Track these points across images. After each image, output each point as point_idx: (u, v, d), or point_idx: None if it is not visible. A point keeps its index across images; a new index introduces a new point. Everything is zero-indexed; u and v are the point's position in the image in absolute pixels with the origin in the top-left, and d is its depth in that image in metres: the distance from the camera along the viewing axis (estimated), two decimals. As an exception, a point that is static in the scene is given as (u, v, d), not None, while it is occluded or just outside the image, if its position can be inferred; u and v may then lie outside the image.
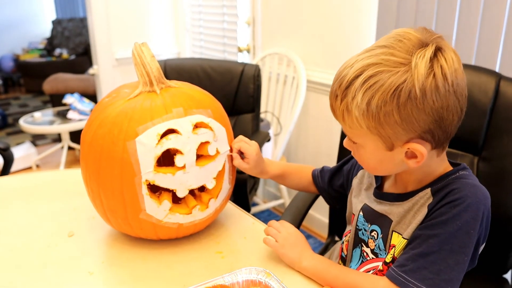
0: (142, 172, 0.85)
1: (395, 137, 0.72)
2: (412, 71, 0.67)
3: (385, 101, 0.68)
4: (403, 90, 0.67)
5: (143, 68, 0.91)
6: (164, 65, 1.96)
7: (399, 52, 0.69)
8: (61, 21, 6.55)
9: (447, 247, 0.71)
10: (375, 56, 0.70)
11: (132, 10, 3.15)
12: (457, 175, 0.78)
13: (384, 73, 0.68)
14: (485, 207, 0.73)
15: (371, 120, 0.70)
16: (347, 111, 0.72)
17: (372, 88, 0.68)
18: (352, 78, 0.70)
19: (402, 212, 0.80)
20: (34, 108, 5.50)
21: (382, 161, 0.77)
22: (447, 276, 0.71)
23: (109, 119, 0.88)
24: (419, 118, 0.69)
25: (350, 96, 0.70)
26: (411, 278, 0.72)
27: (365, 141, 0.75)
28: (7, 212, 1.13)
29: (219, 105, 0.98)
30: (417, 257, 0.73)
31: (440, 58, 0.69)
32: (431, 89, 0.67)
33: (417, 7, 1.70)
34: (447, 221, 0.72)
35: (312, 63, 2.35)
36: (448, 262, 0.71)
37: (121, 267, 0.90)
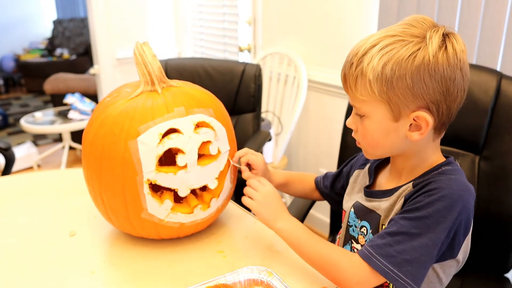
0: (144, 171, 0.85)
1: (403, 104, 0.74)
2: (426, 41, 0.72)
3: (400, 65, 0.72)
4: (418, 55, 0.72)
5: (145, 67, 0.91)
6: (165, 65, 1.96)
7: (415, 28, 0.74)
8: (62, 21, 6.56)
9: (415, 231, 0.73)
10: (392, 30, 0.75)
11: (132, 10, 3.15)
12: (439, 170, 0.80)
13: (400, 42, 0.73)
14: (463, 200, 0.74)
15: (384, 84, 0.73)
16: (361, 76, 0.75)
17: (388, 54, 0.72)
18: (369, 47, 0.74)
19: (389, 206, 0.83)
20: (35, 108, 5.50)
21: (387, 133, 0.78)
22: (410, 257, 0.73)
23: (111, 119, 0.88)
24: (429, 84, 0.72)
25: (366, 61, 0.74)
26: (376, 253, 0.75)
27: (373, 110, 0.77)
28: (9, 211, 1.13)
29: (221, 105, 0.98)
30: (386, 235, 0.76)
31: (452, 38, 0.75)
32: (442, 59, 0.72)
33: (418, 6, 1.70)
34: (419, 207, 0.74)
35: (313, 62, 2.35)
36: (413, 244, 0.73)
37: (123, 266, 0.90)
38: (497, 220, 1.11)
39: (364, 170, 0.96)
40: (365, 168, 0.96)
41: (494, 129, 1.11)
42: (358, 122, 0.82)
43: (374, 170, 0.93)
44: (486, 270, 1.17)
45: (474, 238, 1.12)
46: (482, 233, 1.13)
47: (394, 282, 0.73)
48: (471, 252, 1.13)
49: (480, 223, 1.12)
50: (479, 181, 1.13)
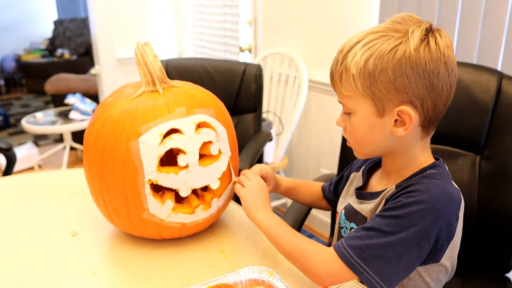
0: (145, 171, 0.85)
1: (387, 99, 0.75)
2: (408, 35, 0.73)
3: (382, 59, 0.73)
4: (399, 49, 0.73)
5: (146, 67, 0.91)
6: (166, 65, 1.97)
7: (400, 24, 0.76)
8: (62, 21, 6.57)
9: (387, 228, 0.73)
10: (377, 27, 0.77)
11: (133, 10, 3.16)
12: (424, 174, 0.80)
13: (383, 37, 0.74)
14: (440, 205, 0.73)
15: (367, 78, 0.74)
16: (345, 71, 0.77)
17: (371, 49, 0.74)
18: (354, 43, 0.76)
19: (373, 207, 0.83)
20: (36, 108, 5.51)
21: (373, 129, 0.79)
22: (376, 253, 0.72)
23: (112, 119, 0.88)
24: (411, 78, 0.73)
25: (350, 57, 0.76)
26: (346, 244, 0.75)
27: (358, 105, 0.78)
28: (10, 212, 1.13)
29: (222, 105, 0.98)
30: (360, 229, 0.76)
31: (435, 33, 0.75)
32: (424, 52, 0.73)
33: (418, 6, 1.70)
34: (395, 207, 0.74)
35: (314, 62, 2.35)
36: (382, 240, 0.73)
37: (124, 267, 0.90)
38: (498, 220, 1.11)
39: (359, 172, 0.97)
40: (360, 170, 0.96)
41: (495, 129, 1.11)
42: (346, 120, 0.83)
43: (367, 172, 0.93)
44: (487, 270, 1.17)
45: (475, 238, 1.13)
46: (483, 233, 1.13)
47: (360, 276, 0.73)
48: (472, 252, 1.14)
49: (481, 223, 1.12)
50: (480, 181, 1.13)
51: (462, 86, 1.14)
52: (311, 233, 2.52)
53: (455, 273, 0.86)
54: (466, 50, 1.59)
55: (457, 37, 1.61)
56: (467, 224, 1.12)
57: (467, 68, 1.17)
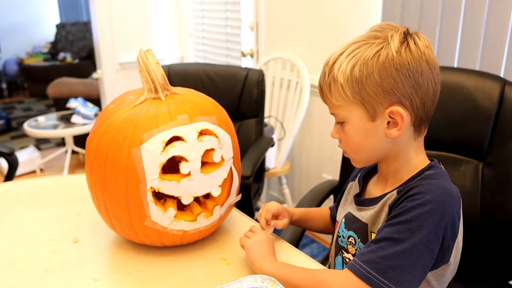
0: (147, 179, 0.85)
1: (376, 102, 0.77)
2: (388, 40, 0.77)
3: (367, 64, 0.76)
4: (381, 53, 0.76)
5: (148, 75, 0.91)
6: (168, 70, 1.97)
7: (379, 32, 0.79)
8: (65, 25, 6.59)
9: (397, 236, 0.73)
10: (358, 37, 0.80)
11: (135, 15, 3.17)
12: (422, 176, 0.81)
13: (365, 45, 0.77)
14: (443, 204, 0.74)
15: (355, 85, 0.77)
16: (333, 82, 0.79)
17: (355, 57, 0.77)
18: (338, 55, 0.79)
19: (374, 214, 0.83)
20: (38, 112, 5.51)
21: (366, 134, 0.80)
22: (393, 263, 0.72)
23: (114, 126, 0.88)
24: (397, 79, 0.75)
25: (336, 67, 0.78)
26: (360, 260, 0.74)
27: (349, 114, 0.80)
28: (11, 217, 1.13)
29: (224, 112, 0.98)
30: (371, 243, 0.76)
31: (413, 35, 0.78)
32: (405, 53, 0.76)
33: (421, 13, 1.70)
34: (401, 213, 0.75)
35: (316, 67, 2.35)
36: (396, 249, 0.72)
37: (126, 274, 0.90)
38: (501, 227, 1.11)
39: (355, 180, 0.97)
40: (356, 178, 0.97)
41: (498, 136, 1.10)
42: (340, 131, 0.84)
43: (363, 179, 0.94)
44: (490, 278, 1.16)
45: (478, 245, 1.12)
46: (486, 240, 1.12)
47: None
48: (475, 259, 1.13)
49: (484, 230, 1.12)
50: (482, 187, 1.13)
51: (465, 93, 1.13)
52: (313, 238, 2.51)
53: (458, 280, 0.86)
54: (468, 56, 1.59)
55: (459, 43, 1.61)
56: (469, 230, 1.12)
57: (470, 74, 1.17)
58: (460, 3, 1.57)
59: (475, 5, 1.53)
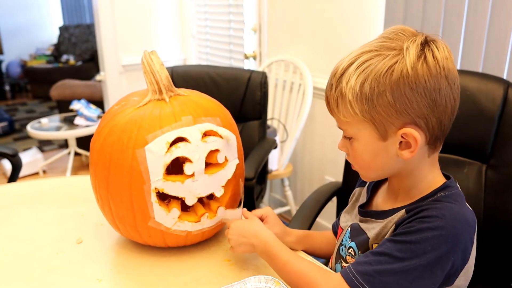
0: (151, 180, 0.85)
1: (388, 122, 0.71)
2: (403, 53, 0.69)
3: (378, 81, 0.69)
4: (395, 69, 0.68)
5: (153, 76, 0.92)
6: (171, 72, 1.97)
7: (393, 40, 0.71)
8: (68, 27, 6.61)
9: (398, 254, 0.70)
10: (369, 45, 0.72)
11: (138, 17, 3.18)
12: (435, 197, 0.75)
13: (377, 57, 0.70)
14: (456, 231, 0.70)
15: (365, 103, 0.70)
16: (341, 97, 0.73)
17: (365, 71, 0.70)
18: (347, 66, 0.72)
19: (378, 229, 0.79)
20: (41, 114, 5.53)
21: (377, 154, 0.75)
22: (387, 279, 0.69)
23: (119, 127, 0.88)
24: (412, 98, 0.69)
25: (345, 81, 0.72)
26: (354, 270, 0.71)
27: (359, 131, 0.75)
28: (15, 218, 1.13)
29: (228, 113, 0.98)
30: (369, 254, 0.73)
31: (432, 45, 0.71)
32: (422, 69, 0.69)
33: (423, 15, 1.70)
34: (408, 232, 0.71)
35: (318, 70, 2.35)
36: (394, 266, 0.69)
37: (130, 275, 0.90)
38: (504, 229, 1.11)
39: (364, 188, 0.93)
40: (365, 186, 0.93)
41: (501, 138, 1.10)
42: (348, 145, 0.79)
43: (372, 189, 0.90)
44: (493, 280, 1.16)
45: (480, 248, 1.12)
46: (489, 243, 1.12)
47: None
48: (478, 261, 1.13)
49: (487, 232, 1.12)
50: (486, 190, 1.13)
51: (468, 95, 1.13)
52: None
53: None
54: (472, 58, 1.59)
55: (462, 45, 1.61)
56: (473, 233, 1.12)
57: (473, 76, 1.16)
58: (463, 5, 1.57)
59: (478, 7, 1.54)
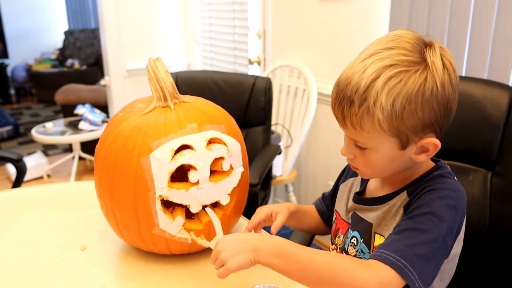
0: (156, 187, 0.85)
1: (412, 134, 0.73)
2: (430, 68, 0.70)
3: (410, 100, 0.70)
4: (427, 87, 0.70)
5: (157, 83, 0.92)
6: (176, 78, 1.98)
7: (410, 52, 0.71)
8: (73, 31, 6.64)
9: (421, 226, 0.71)
10: (387, 58, 0.71)
11: (143, 22, 3.19)
12: (431, 176, 0.80)
13: (404, 73, 0.70)
14: (459, 200, 0.75)
15: (394, 120, 0.71)
16: (367, 116, 0.71)
17: (395, 89, 0.69)
18: (370, 82, 0.70)
19: (381, 214, 0.82)
20: (45, 118, 5.55)
21: (393, 161, 0.78)
22: (419, 251, 0.69)
23: (123, 134, 0.88)
24: (437, 111, 0.72)
25: (372, 99, 0.70)
26: (384, 250, 0.70)
27: (380, 144, 0.75)
28: (19, 224, 1.13)
29: (233, 121, 0.98)
30: (393, 234, 0.74)
31: (445, 54, 0.74)
32: (447, 83, 0.72)
33: (428, 21, 1.70)
34: (422, 205, 0.74)
35: (323, 75, 2.35)
36: (421, 238, 0.70)
37: (134, 282, 0.90)
38: (510, 236, 1.10)
39: (358, 177, 0.95)
40: (359, 176, 0.94)
41: (507, 145, 1.10)
42: (356, 152, 0.79)
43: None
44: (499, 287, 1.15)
45: (486, 255, 1.12)
46: (495, 249, 1.12)
47: (407, 278, 0.67)
48: (484, 269, 1.12)
49: (493, 239, 1.11)
50: (491, 197, 1.12)
51: (473, 102, 1.13)
52: (319, 246, 2.50)
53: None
54: (477, 65, 1.58)
55: (467, 51, 1.61)
56: (478, 240, 1.11)
57: (478, 83, 1.16)
58: (468, 11, 1.57)
59: (483, 13, 1.53)
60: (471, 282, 1.16)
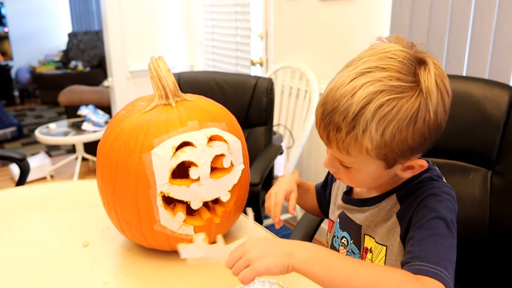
0: (157, 184, 0.86)
1: (400, 157, 0.72)
2: (424, 94, 0.66)
3: (400, 129, 0.66)
4: (419, 116, 0.66)
5: (159, 81, 0.93)
6: (178, 78, 1.99)
7: (403, 75, 0.67)
8: (76, 34, 6.68)
9: (436, 231, 0.69)
10: (379, 82, 0.66)
11: (146, 24, 3.21)
12: (420, 179, 0.78)
13: (396, 100, 0.65)
14: (455, 202, 0.74)
15: (383, 148, 0.68)
16: (355, 143, 0.68)
17: (385, 118, 0.66)
18: (359, 109, 0.66)
19: (369, 216, 0.81)
20: (49, 119, 5.57)
21: (378, 178, 0.77)
22: (445, 255, 0.67)
23: (125, 132, 0.89)
24: (427, 137, 0.70)
25: (361, 128, 0.66)
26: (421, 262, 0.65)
27: (365, 165, 0.73)
28: (22, 222, 1.14)
29: (234, 119, 0.99)
30: (412, 246, 0.69)
31: (438, 72, 0.69)
32: (440, 109, 0.69)
33: (429, 21, 1.70)
34: (426, 212, 0.71)
35: (325, 76, 2.36)
36: (441, 242, 0.68)
37: (135, 278, 0.91)
38: (510, 237, 1.10)
39: None
40: None
41: (507, 144, 1.10)
42: (340, 167, 0.77)
43: None
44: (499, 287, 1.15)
45: (487, 254, 1.12)
46: (495, 249, 1.12)
47: (447, 285, 0.63)
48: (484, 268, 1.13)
49: (493, 239, 1.11)
50: (491, 196, 1.12)
51: (473, 101, 1.13)
52: (321, 247, 2.50)
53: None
54: (477, 65, 1.59)
55: (468, 51, 1.62)
56: (478, 239, 1.11)
57: (478, 83, 1.17)
58: (469, 12, 1.58)
59: (483, 14, 1.54)
60: (471, 281, 1.16)
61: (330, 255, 0.65)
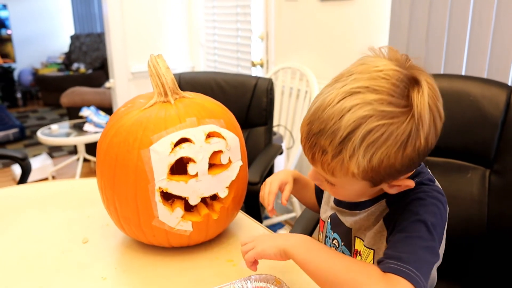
0: (156, 179, 0.86)
1: (387, 179, 0.70)
2: (416, 120, 0.63)
3: (389, 156, 0.64)
4: (409, 143, 0.64)
5: (158, 79, 0.94)
6: (179, 78, 2.00)
7: (395, 98, 0.63)
8: (79, 36, 6.71)
9: (415, 234, 0.68)
10: (368, 105, 0.63)
11: (148, 26, 3.22)
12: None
13: (386, 126, 0.62)
14: (444, 207, 0.72)
15: (369, 172, 0.66)
16: (341, 167, 0.66)
17: (374, 144, 0.63)
18: (347, 134, 0.63)
19: (359, 220, 0.80)
20: (51, 120, 5.59)
21: (363, 194, 0.76)
22: (422, 257, 0.66)
23: (125, 128, 0.90)
24: (416, 161, 0.67)
25: (347, 153, 0.64)
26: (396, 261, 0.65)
27: (349, 185, 0.71)
28: (23, 219, 1.15)
29: (232, 116, 1.00)
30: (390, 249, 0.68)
31: (432, 92, 0.65)
32: (432, 134, 0.66)
33: (429, 21, 1.71)
34: (409, 216, 0.69)
35: (325, 77, 2.37)
36: (419, 244, 0.67)
37: (134, 273, 0.91)
38: (509, 234, 1.11)
39: None
40: None
41: (505, 143, 1.10)
42: (324, 182, 0.75)
43: None
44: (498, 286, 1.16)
45: (485, 254, 1.12)
46: (493, 248, 1.12)
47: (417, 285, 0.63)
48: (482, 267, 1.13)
49: (491, 238, 1.12)
50: (490, 195, 1.13)
51: (472, 100, 1.14)
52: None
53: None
54: (476, 64, 1.60)
55: (467, 51, 1.62)
56: (477, 238, 1.12)
57: (476, 82, 1.17)
58: (468, 12, 1.58)
59: (482, 13, 1.55)
60: (470, 281, 1.16)
61: (317, 245, 0.71)
